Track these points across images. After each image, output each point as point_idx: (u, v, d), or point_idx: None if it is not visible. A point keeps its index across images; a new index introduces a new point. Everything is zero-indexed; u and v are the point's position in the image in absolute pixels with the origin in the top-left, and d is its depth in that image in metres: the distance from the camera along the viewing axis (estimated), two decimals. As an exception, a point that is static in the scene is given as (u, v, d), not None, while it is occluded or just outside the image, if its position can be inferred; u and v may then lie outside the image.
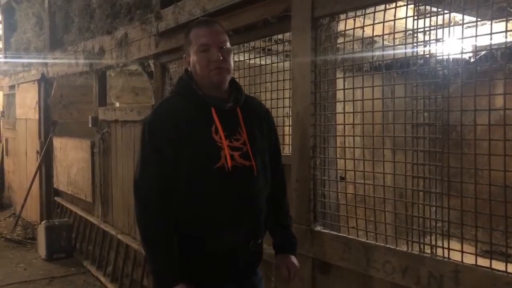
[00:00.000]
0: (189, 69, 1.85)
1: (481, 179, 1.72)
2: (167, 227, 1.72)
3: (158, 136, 1.74)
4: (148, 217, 1.73)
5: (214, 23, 1.84)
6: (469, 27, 1.83)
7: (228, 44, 1.81)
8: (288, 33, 2.61)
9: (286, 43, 2.67)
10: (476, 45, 1.70)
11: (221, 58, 1.75)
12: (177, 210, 1.74)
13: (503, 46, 1.83)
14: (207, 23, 1.83)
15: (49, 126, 6.23)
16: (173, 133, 1.72)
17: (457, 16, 2.12)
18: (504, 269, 1.63)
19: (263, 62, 2.86)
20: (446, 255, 1.80)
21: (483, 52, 2.13)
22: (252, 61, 2.95)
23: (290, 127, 2.59)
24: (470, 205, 1.75)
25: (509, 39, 1.74)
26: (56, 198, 6.11)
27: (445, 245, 1.81)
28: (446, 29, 1.83)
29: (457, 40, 1.84)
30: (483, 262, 1.71)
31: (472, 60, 2.68)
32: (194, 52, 1.79)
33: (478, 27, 1.73)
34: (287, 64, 2.62)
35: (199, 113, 1.77)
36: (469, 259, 1.75)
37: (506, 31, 1.63)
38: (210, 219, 1.75)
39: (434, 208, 1.92)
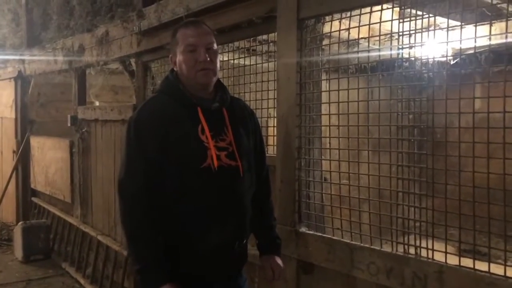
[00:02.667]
0: (175, 69, 1.84)
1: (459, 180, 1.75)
2: (152, 227, 1.70)
3: (144, 135, 1.72)
4: (133, 216, 1.71)
5: (202, 24, 1.83)
6: (452, 30, 1.86)
7: (215, 46, 1.80)
8: (272, 34, 2.61)
9: (271, 44, 2.67)
10: (461, 48, 1.72)
11: (208, 59, 1.74)
12: (162, 210, 1.73)
13: (481, 49, 1.87)
14: (194, 23, 1.82)
15: (26, 125, 6.10)
16: (159, 132, 1.71)
17: (438, 19, 2.15)
18: (486, 270, 1.65)
19: (247, 63, 2.85)
20: (430, 255, 1.82)
21: (460, 57, 2.17)
22: (236, 61, 2.94)
23: (274, 128, 2.59)
24: (448, 206, 1.78)
25: (491, 43, 1.77)
26: (33, 199, 5.98)
27: (429, 246, 1.84)
28: (428, 32, 1.86)
29: (440, 43, 1.87)
30: (462, 262, 1.73)
31: (452, 63, 2.73)
32: (180, 52, 1.77)
33: (458, 31, 1.76)
34: (271, 65, 2.62)
35: (185, 112, 1.76)
36: (449, 259, 1.78)
37: (490, 35, 1.65)
38: (196, 219, 1.74)
39: (418, 209, 1.93)
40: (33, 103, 6.11)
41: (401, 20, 1.93)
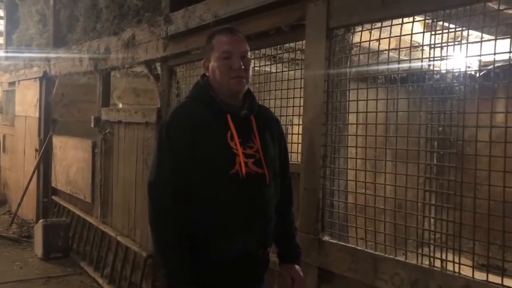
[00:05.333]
0: (207, 74, 1.86)
1: (479, 194, 1.74)
2: (180, 230, 1.72)
3: (175, 139, 1.74)
4: (162, 220, 1.73)
5: (238, 31, 1.85)
6: (481, 43, 1.85)
7: (249, 54, 1.82)
8: (299, 42, 2.62)
9: (297, 52, 2.68)
10: (494, 60, 1.72)
11: (243, 67, 1.76)
12: (190, 215, 1.74)
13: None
14: (230, 31, 1.84)
15: (49, 124, 6.20)
16: (190, 137, 1.73)
17: (466, 32, 2.15)
18: (513, 286, 1.64)
19: (272, 70, 2.87)
20: (456, 269, 1.81)
21: (493, 70, 2.16)
22: (261, 68, 2.96)
23: (296, 135, 2.61)
24: (469, 220, 1.77)
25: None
26: (54, 197, 6.06)
27: (455, 260, 1.82)
28: (461, 46, 1.85)
29: (470, 56, 1.86)
30: (479, 275, 1.72)
31: (478, 75, 2.71)
32: (215, 58, 1.79)
33: (488, 44, 1.75)
34: (296, 72, 2.63)
35: (216, 119, 1.78)
36: (467, 272, 1.77)
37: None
38: (223, 225, 1.75)
39: (445, 222, 1.92)
40: (56, 103, 6.21)
41: (432, 33, 1.93)
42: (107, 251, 4.57)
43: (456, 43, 1.85)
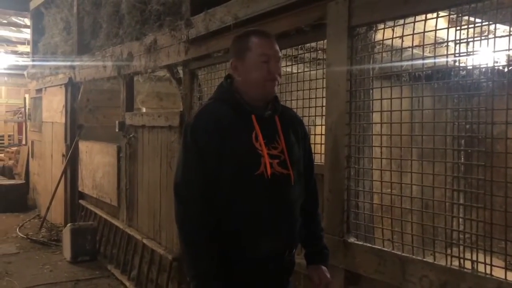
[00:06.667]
0: (236, 76, 1.84)
1: (510, 192, 1.69)
2: (209, 232, 1.71)
3: (201, 140, 1.74)
4: (190, 221, 1.72)
5: (272, 35, 1.86)
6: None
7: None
8: (320, 41, 2.60)
9: (319, 51, 2.66)
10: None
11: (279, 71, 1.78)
12: (216, 216, 1.74)
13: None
14: (266, 34, 1.85)
15: (75, 130, 6.32)
16: (215, 138, 1.73)
17: (492, 27, 2.09)
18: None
19: (293, 70, 2.85)
20: (487, 271, 1.75)
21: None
22: (282, 69, 2.94)
23: (319, 136, 2.58)
24: (499, 219, 1.72)
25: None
26: (81, 201, 6.17)
27: (486, 261, 1.77)
28: (488, 40, 1.80)
29: (497, 51, 1.81)
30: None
31: (506, 70, 2.64)
32: (252, 59, 1.78)
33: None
34: (317, 72, 2.61)
35: (240, 119, 1.78)
36: (499, 273, 1.71)
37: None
38: (249, 226, 1.74)
39: (475, 222, 1.87)
40: (82, 108, 6.33)
41: (457, 28, 1.88)
42: (134, 254, 4.62)
43: (482, 37, 1.80)
